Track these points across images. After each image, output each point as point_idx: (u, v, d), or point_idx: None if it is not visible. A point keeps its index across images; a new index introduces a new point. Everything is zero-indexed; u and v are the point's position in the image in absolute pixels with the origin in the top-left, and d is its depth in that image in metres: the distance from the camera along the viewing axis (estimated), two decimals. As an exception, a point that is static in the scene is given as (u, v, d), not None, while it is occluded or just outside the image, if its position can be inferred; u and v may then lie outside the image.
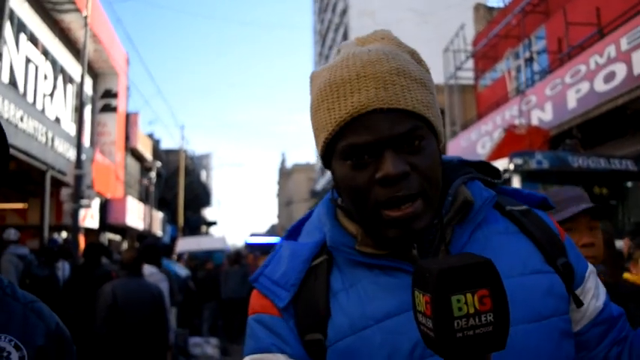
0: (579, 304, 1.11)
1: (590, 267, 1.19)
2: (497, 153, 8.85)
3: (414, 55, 1.12)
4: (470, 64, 18.65)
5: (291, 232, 1.27)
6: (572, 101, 10.12)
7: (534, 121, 10.97)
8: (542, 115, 11.04)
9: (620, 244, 4.27)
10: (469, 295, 0.75)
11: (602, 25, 10.85)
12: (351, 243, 1.10)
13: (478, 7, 20.73)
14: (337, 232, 1.13)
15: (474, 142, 14.17)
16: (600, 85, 9.42)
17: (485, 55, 17.31)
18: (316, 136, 1.12)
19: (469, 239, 1.08)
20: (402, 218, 1.00)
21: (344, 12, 47.42)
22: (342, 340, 1.04)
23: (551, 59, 13.35)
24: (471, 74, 18.68)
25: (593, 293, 1.15)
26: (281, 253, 1.18)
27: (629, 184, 7.87)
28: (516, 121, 11.08)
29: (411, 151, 1.01)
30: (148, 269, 6.43)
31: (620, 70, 8.98)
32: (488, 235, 1.10)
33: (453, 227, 1.09)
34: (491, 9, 20.53)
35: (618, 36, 9.20)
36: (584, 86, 9.86)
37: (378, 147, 1.00)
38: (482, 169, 1.23)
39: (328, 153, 1.10)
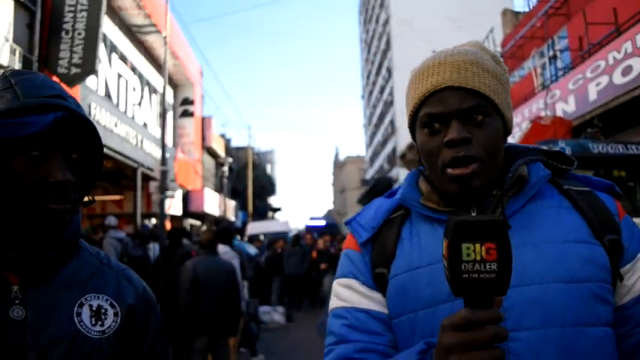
0: (620, 278, 1.08)
1: None
2: (525, 142, 8.65)
3: (494, 57, 1.21)
4: (499, 63, 18.27)
5: (389, 194, 1.36)
6: (592, 94, 9.80)
7: (559, 113, 10.66)
8: (566, 107, 10.71)
9: (638, 221, 4.15)
10: (477, 245, 0.80)
11: (619, 24, 10.45)
12: (418, 198, 1.21)
13: (505, 12, 20.21)
14: (409, 189, 1.24)
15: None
16: (618, 78, 9.10)
17: (513, 55, 16.88)
18: (406, 112, 1.24)
19: (521, 208, 1.12)
20: (460, 176, 1.08)
21: (386, 22, 46.95)
22: (399, 275, 1.15)
23: (573, 56, 12.94)
24: (500, 72, 18.32)
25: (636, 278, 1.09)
26: (370, 206, 1.30)
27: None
28: (542, 113, 10.79)
29: (475, 124, 1.09)
30: (222, 248, 6.54)
31: (637, 64, 8.66)
32: (541, 207, 1.13)
33: (508, 197, 1.13)
34: (517, 13, 19.98)
35: (634, 33, 8.87)
36: (604, 80, 9.54)
37: (448, 117, 1.10)
38: (557, 158, 1.24)
39: (413, 125, 1.21)
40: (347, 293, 1.21)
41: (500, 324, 0.90)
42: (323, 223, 25.54)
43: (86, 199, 1.21)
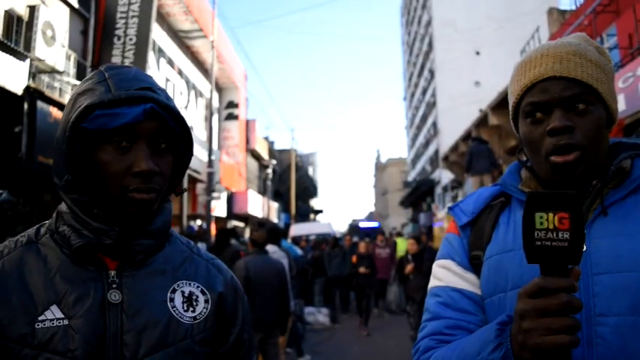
0: None
1: None
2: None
3: (598, 48, 1.21)
4: (546, 63, 17.85)
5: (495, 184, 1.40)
6: (645, 92, 9.52)
7: (609, 112, 10.39)
8: (617, 106, 10.45)
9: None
10: (550, 215, 0.84)
11: (673, 20, 10.11)
12: (517, 184, 1.24)
13: (552, 11, 19.73)
14: (510, 176, 1.28)
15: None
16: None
17: (560, 54, 16.54)
18: (509, 103, 1.25)
19: (622, 200, 1.11)
20: (562, 163, 1.09)
21: (428, 23, 46.55)
22: (492, 257, 1.19)
23: (622, 54, 12.55)
24: (546, 72, 17.88)
25: None
26: (474, 193, 1.36)
27: None
28: (592, 113, 10.53)
29: (577, 113, 1.10)
30: (271, 248, 6.58)
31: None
32: None
33: (609, 189, 1.13)
34: (563, 12, 19.49)
35: (690, 29, 8.56)
36: (657, 77, 9.25)
37: (550, 106, 1.12)
38: None
39: (515, 116, 1.22)
40: (443, 273, 1.26)
41: (588, 309, 0.92)
42: (375, 224, 25.28)
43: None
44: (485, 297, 1.18)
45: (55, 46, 9.07)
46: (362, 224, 26.85)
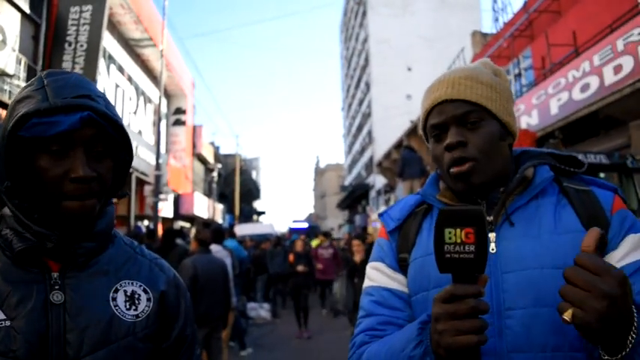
0: None
1: (635, 235, 1.12)
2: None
3: (496, 71, 1.29)
4: (469, 80, 18.42)
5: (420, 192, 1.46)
6: (554, 108, 10.00)
7: (523, 125, 10.84)
8: (530, 120, 10.91)
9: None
10: (458, 230, 0.89)
11: (578, 46, 10.71)
12: (435, 193, 1.31)
13: (475, 34, 20.49)
14: (429, 187, 1.34)
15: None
16: (577, 95, 9.31)
17: (481, 73, 17.15)
18: (420, 127, 1.33)
19: (525, 205, 1.18)
20: (459, 173, 1.17)
21: (365, 40, 47.25)
22: (416, 259, 1.25)
23: (536, 74, 13.19)
24: (470, 88, 18.44)
25: (622, 255, 1.10)
26: (401, 201, 1.40)
27: (602, 174, 7.79)
28: (508, 126, 10.98)
29: (469, 129, 1.18)
30: (215, 247, 6.52)
31: (594, 82, 8.87)
32: (542, 204, 1.18)
33: (514, 195, 1.20)
34: (485, 35, 20.27)
35: (591, 54, 9.09)
36: (564, 96, 9.74)
37: (446, 125, 1.20)
38: (568, 161, 1.28)
39: (426, 136, 1.29)
40: (375, 274, 1.32)
41: (498, 303, 0.99)
42: (305, 225, 25.30)
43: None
44: (411, 295, 1.23)
45: (6, 50, 8.69)
46: (292, 225, 26.96)
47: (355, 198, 44.89)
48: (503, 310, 1.09)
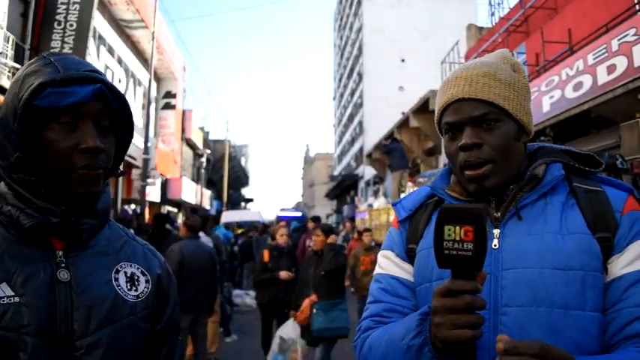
0: (605, 270, 1.10)
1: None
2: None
3: (514, 65, 1.26)
4: (462, 74, 18.42)
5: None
6: (546, 105, 10.04)
7: (514, 122, 10.89)
8: (521, 117, 10.97)
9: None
10: (457, 228, 0.91)
11: (573, 44, 10.74)
12: (445, 187, 1.31)
13: (470, 27, 20.47)
14: (440, 180, 1.34)
15: (464, 138, 14.09)
16: (570, 93, 9.34)
17: (475, 67, 17.16)
18: (435, 120, 1.32)
19: (534, 202, 1.18)
20: (474, 177, 1.17)
21: (359, 30, 47.08)
22: (423, 251, 1.26)
23: (529, 71, 13.22)
24: (463, 82, 18.43)
25: (626, 262, 1.09)
26: (415, 191, 1.42)
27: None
28: (500, 121, 11.01)
29: (486, 129, 1.17)
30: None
31: (587, 80, 8.90)
32: (550, 202, 1.17)
33: (523, 193, 1.19)
34: (481, 28, 20.26)
35: (585, 53, 9.12)
36: (557, 93, 9.78)
37: (461, 125, 1.19)
38: (585, 160, 1.27)
39: (440, 130, 1.28)
40: (384, 262, 1.35)
41: (495, 299, 1.01)
42: (299, 214, 24.03)
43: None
44: (416, 285, 1.26)
45: (-7, 27, 8.56)
46: (280, 213, 24.74)
47: (344, 188, 44.97)
48: (500, 307, 1.10)
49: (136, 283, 1.17)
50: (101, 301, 1.07)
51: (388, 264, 1.33)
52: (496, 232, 1.17)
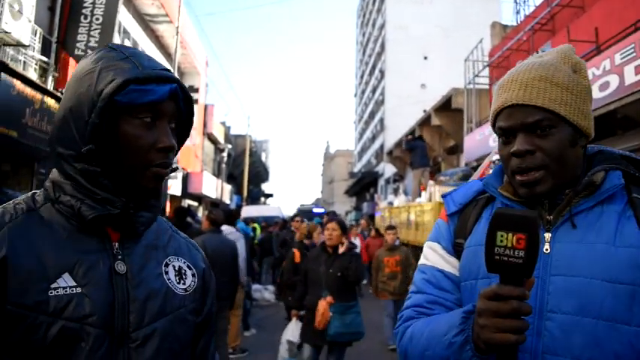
0: None
1: None
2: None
3: (575, 65, 1.22)
4: (486, 72, 18.20)
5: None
6: (571, 105, 9.93)
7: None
8: (546, 117, 10.82)
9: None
10: (510, 235, 0.91)
11: (600, 43, 10.56)
12: (497, 185, 1.29)
13: (495, 25, 20.23)
14: (493, 177, 1.33)
15: (487, 137, 13.93)
16: (596, 93, 9.20)
17: (499, 65, 16.96)
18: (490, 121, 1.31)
19: (589, 209, 1.15)
20: (526, 182, 1.16)
21: (382, 26, 46.86)
22: (470, 247, 1.26)
23: (554, 70, 13.05)
24: (486, 80, 18.23)
25: None
26: (466, 185, 1.41)
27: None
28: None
29: (539, 135, 1.14)
30: (228, 229, 6.58)
31: (614, 80, 8.76)
32: (607, 211, 1.14)
33: (579, 199, 1.17)
34: (505, 26, 20.02)
35: (613, 52, 8.96)
36: (582, 93, 9.66)
37: (514, 131, 1.17)
38: None
39: (494, 129, 1.27)
40: (430, 254, 1.35)
41: (541, 303, 1.01)
42: (321, 210, 24.20)
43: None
44: (461, 280, 1.26)
45: (22, 20, 8.68)
46: (315, 209, 24.98)
47: (364, 185, 44.86)
48: (545, 312, 1.10)
49: (184, 276, 1.19)
50: (154, 294, 1.10)
51: (434, 256, 1.33)
52: (547, 235, 1.16)
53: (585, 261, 1.09)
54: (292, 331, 5.57)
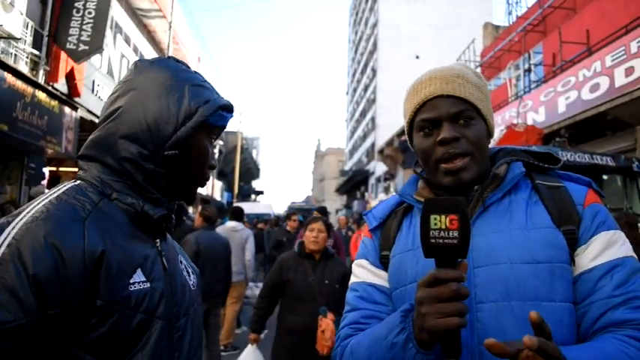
0: (573, 261, 1.14)
1: (607, 233, 1.15)
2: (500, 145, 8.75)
3: (476, 73, 1.32)
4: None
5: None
6: (562, 106, 9.97)
7: (529, 122, 10.79)
8: (536, 117, 10.87)
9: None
10: (443, 216, 0.95)
11: (591, 45, 10.64)
12: (412, 192, 1.36)
13: (487, 25, 20.34)
14: (407, 186, 1.40)
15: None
16: (586, 94, 9.27)
17: (490, 66, 17.05)
18: (404, 121, 1.37)
19: (498, 201, 1.22)
20: (452, 169, 1.21)
21: (375, 25, 46.88)
22: (395, 256, 1.31)
23: (546, 71, 13.13)
24: (478, 81, 18.31)
25: (594, 255, 1.13)
26: (384, 201, 1.46)
27: (605, 176, 7.80)
28: (514, 121, 10.94)
29: (462, 125, 1.22)
30: (236, 225, 6.68)
31: (604, 82, 8.83)
32: (514, 199, 1.22)
33: (488, 192, 1.24)
34: (497, 27, 20.12)
35: (604, 54, 9.04)
36: (573, 94, 9.71)
37: (439, 121, 1.23)
38: (545, 158, 1.33)
39: (410, 131, 1.33)
40: (359, 271, 1.38)
41: (469, 297, 1.01)
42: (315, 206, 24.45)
43: None
44: (392, 290, 1.29)
45: (13, 13, 8.61)
46: (291, 206, 25.53)
47: (354, 184, 44.94)
48: (475, 304, 1.13)
49: (190, 274, 1.28)
50: (184, 289, 1.19)
51: (363, 272, 1.36)
52: None
53: (504, 248, 1.15)
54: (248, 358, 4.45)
